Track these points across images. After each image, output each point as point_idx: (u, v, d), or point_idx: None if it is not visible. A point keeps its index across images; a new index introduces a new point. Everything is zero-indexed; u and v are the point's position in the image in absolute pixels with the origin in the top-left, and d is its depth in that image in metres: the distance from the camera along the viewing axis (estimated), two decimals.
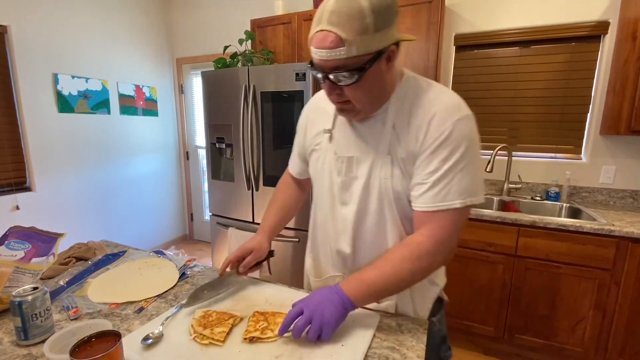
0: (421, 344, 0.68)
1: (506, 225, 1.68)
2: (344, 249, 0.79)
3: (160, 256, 1.06)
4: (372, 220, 0.75)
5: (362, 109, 0.69)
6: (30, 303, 0.64)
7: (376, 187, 0.72)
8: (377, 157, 0.72)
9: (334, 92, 0.66)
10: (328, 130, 0.79)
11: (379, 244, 0.76)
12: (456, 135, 0.64)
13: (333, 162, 0.78)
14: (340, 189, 0.77)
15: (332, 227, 0.81)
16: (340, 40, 0.57)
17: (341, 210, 0.78)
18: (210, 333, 0.66)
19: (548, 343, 1.71)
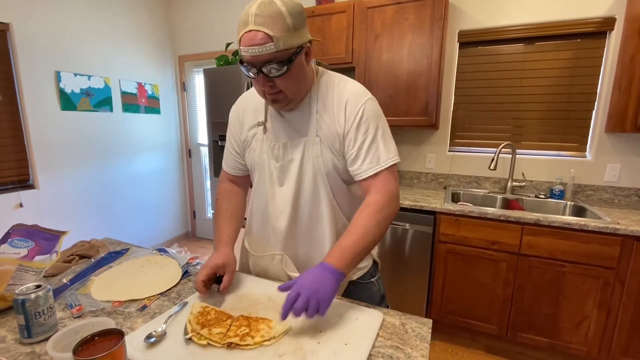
0: (425, 344, 0.67)
1: (510, 224, 1.67)
2: (283, 225, 0.88)
3: (163, 254, 1.05)
4: (308, 195, 0.85)
5: (292, 97, 0.79)
6: (33, 301, 0.64)
7: (310, 165, 0.83)
8: (307, 140, 0.83)
9: (267, 85, 0.74)
10: (262, 122, 0.88)
11: (314, 217, 0.86)
12: (367, 113, 0.80)
13: (270, 150, 0.87)
14: (279, 172, 0.87)
15: (273, 208, 0.89)
16: (268, 37, 0.67)
17: (280, 191, 0.88)
18: (208, 333, 0.66)
19: (551, 342, 1.70)
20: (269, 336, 0.66)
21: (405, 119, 2.06)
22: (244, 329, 0.68)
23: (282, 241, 0.89)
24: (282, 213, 0.88)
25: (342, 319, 0.73)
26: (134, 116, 2.93)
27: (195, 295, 0.83)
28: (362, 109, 0.79)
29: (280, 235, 0.89)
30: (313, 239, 0.89)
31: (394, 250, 1.94)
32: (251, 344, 0.64)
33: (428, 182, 2.37)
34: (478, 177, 2.24)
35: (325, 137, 0.82)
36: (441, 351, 1.86)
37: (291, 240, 0.89)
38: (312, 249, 0.90)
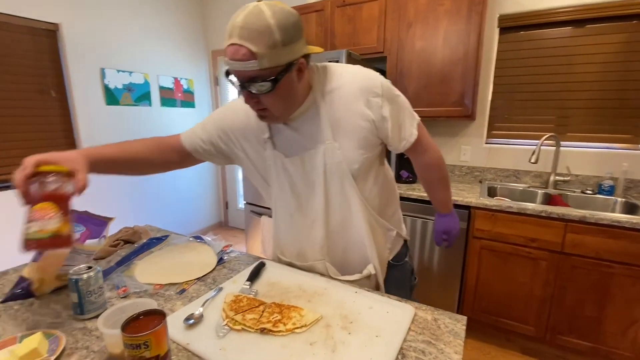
0: (459, 340, 0.65)
1: (552, 220, 1.57)
2: (319, 235, 0.86)
3: (199, 241, 1.10)
4: (338, 201, 0.83)
5: (280, 115, 0.75)
6: (85, 281, 0.69)
7: (334, 173, 0.80)
8: (325, 147, 0.79)
9: (252, 101, 0.71)
10: (267, 138, 0.83)
11: (347, 219, 0.85)
12: (386, 92, 0.78)
13: (287, 165, 0.83)
14: (303, 185, 0.84)
15: (302, 220, 0.88)
16: (251, 53, 0.61)
17: (307, 203, 0.85)
18: (242, 319, 0.68)
19: (594, 346, 1.60)
20: (300, 324, 0.67)
21: (440, 110, 1.98)
22: (276, 315, 0.70)
23: (319, 250, 0.88)
24: (315, 223, 0.86)
25: (372, 311, 0.73)
26: (171, 110, 3.06)
27: (231, 281, 0.86)
28: (381, 88, 0.77)
29: (318, 244, 0.88)
30: (349, 239, 0.88)
31: (425, 245, 1.90)
32: (283, 331, 0.66)
33: (462, 176, 2.28)
34: (517, 171, 2.12)
35: (351, 135, 0.78)
36: (473, 349, 1.81)
37: (328, 246, 0.88)
38: (351, 251, 0.89)
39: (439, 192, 1.03)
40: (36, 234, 0.60)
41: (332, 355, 0.60)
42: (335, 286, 0.83)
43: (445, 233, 1.07)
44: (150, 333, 0.51)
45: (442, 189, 1.01)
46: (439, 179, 0.99)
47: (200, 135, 0.89)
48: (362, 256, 0.88)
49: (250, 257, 1.02)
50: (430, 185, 1.02)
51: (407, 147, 0.86)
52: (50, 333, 0.64)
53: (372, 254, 0.88)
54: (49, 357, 0.58)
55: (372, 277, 0.89)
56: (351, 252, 0.89)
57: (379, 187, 0.89)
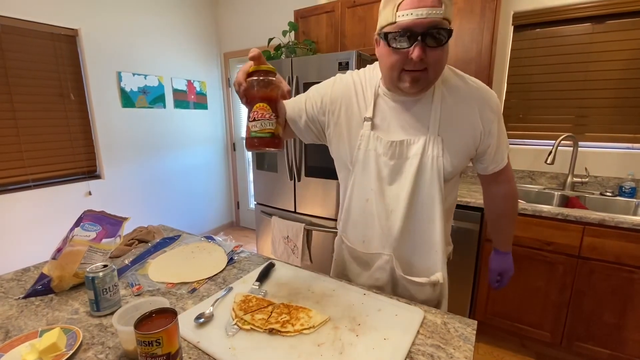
0: (469, 345, 0.64)
1: (569, 223, 1.52)
2: (396, 225, 0.82)
3: (210, 241, 1.12)
4: (425, 196, 0.80)
5: (433, 78, 0.72)
6: (101, 279, 0.72)
7: (429, 165, 0.78)
8: (428, 138, 0.77)
9: (419, 57, 0.65)
10: (369, 118, 0.81)
11: (428, 219, 0.81)
12: (499, 110, 0.80)
13: (381, 148, 0.80)
14: (391, 170, 0.81)
15: (380, 206, 0.83)
16: (438, 0, 0.63)
17: (392, 190, 0.82)
18: (251, 319, 0.69)
19: (613, 354, 1.54)
20: (308, 325, 0.68)
21: None
22: (284, 316, 0.71)
23: (392, 242, 0.83)
24: (393, 212, 0.81)
25: (381, 313, 0.73)
26: (184, 112, 3.12)
27: (240, 280, 0.88)
28: (497, 106, 0.78)
29: (392, 235, 0.83)
30: (424, 241, 0.83)
31: None
32: (291, 331, 0.66)
33: (475, 177, 2.24)
34: (532, 172, 2.07)
35: (455, 136, 0.77)
36: (485, 354, 1.77)
37: (402, 241, 0.83)
38: (421, 252, 0.84)
39: (506, 228, 0.98)
40: (259, 132, 0.63)
41: (339, 357, 0.60)
42: (344, 288, 0.83)
43: (500, 274, 1.03)
44: (162, 331, 0.53)
45: (511, 225, 0.98)
46: (512, 214, 0.96)
47: (301, 102, 0.85)
48: (428, 262, 0.84)
49: (260, 258, 1.03)
50: (500, 219, 0.97)
51: (495, 171, 0.86)
52: (68, 328, 0.66)
53: (442, 263, 0.84)
54: (67, 352, 0.60)
55: (438, 287, 0.86)
56: (419, 254, 0.84)
57: (452, 201, 0.89)
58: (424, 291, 0.85)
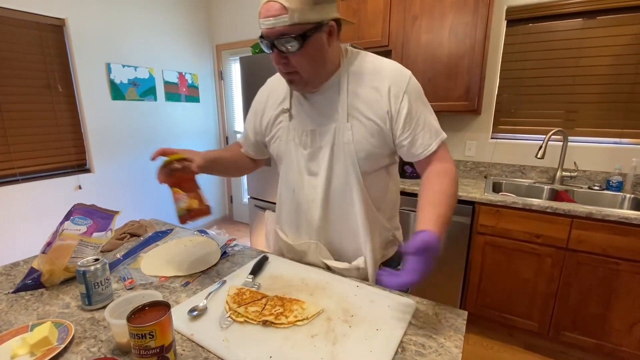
0: (459, 335, 0.66)
1: (558, 216, 1.56)
2: (316, 214, 0.86)
3: (203, 235, 1.12)
4: (340, 183, 0.83)
5: (309, 79, 0.75)
6: (92, 273, 0.71)
7: (341, 152, 0.80)
8: (338, 126, 0.79)
9: (281, 62, 0.72)
10: (286, 109, 0.86)
11: (346, 204, 0.84)
12: (412, 91, 0.77)
13: (297, 138, 0.85)
14: (307, 161, 0.85)
15: (302, 197, 0.88)
16: (283, 8, 0.64)
17: (310, 180, 0.86)
18: (244, 311, 0.69)
19: (599, 343, 1.59)
20: (302, 317, 0.68)
21: (445, 104, 1.96)
22: (278, 308, 0.71)
23: (316, 230, 0.88)
24: (314, 202, 0.86)
25: (374, 305, 0.73)
26: (175, 105, 3.08)
27: (234, 274, 0.88)
28: (405, 89, 0.76)
29: (314, 224, 0.88)
30: (346, 227, 0.87)
31: None
32: (285, 323, 0.67)
33: (467, 171, 2.26)
34: (523, 167, 2.10)
35: (364, 120, 0.78)
36: (475, 344, 1.82)
37: (324, 228, 0.88)
38: (345, 237, 0.89)
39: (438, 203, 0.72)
40: (178, 212, 0.80)
41: (332, 347, 0.61)
42: (337, 280, 0.84)
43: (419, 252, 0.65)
44: (155, 324, 0.53)
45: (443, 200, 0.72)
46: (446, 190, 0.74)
47: (250, 140, 1.00)
48: (354, 247, 0.88)
49: (253, 251, 1.03)
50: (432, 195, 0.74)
51: (423, 158, 0.79)
52: (60, 322, 0.66)
53: (365, 247, 0.87)
54: (59, 346, 0.59)
55: (362, 271, 0.89)
56: (346, 240, 0.89)
57: (383, 188, 0.89)
58: (351, 274, 0.89)
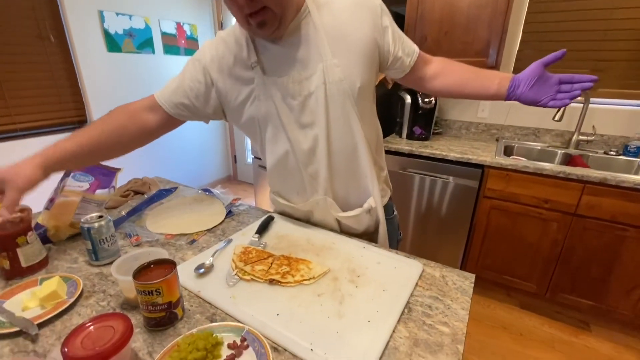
0: (466, 297, 0.66)
1: (569, 182, 1.52)
2: (320, 167, 0.80)
3: (208, 194, 1.10)
4: (340, 128, 0.76)
5: (282, 14, 0.65)
6: (97, 229, 0.70)
7: (335, 93, 0.73)
8: (325, 65, 0.72)
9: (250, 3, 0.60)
10: (255, 63, 0.73)
11: (349, 149, 0.79)
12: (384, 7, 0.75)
13: (280, 90, 0.74)
14: (299, 113, 0.76)
15: (300, 154, 0.79)
16: None
17: (307, 133, 0.77)
18: (251, 270, 0.69)
19: (595, 305, 1.63)
20: (308, 276, 0.68)
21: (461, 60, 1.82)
22: (284, 267, 0.71)
23: (322, 184, 0.82)
24: (315, 154, 0.79)
25: (380, 266, 0.73)
26: (174, 58, 2.93)
27: (240, 233, 0.87)
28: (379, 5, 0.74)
29: (319, 178, 0.81)
30: (351, 174, 0.83)
31: (432, 202, 1.89)
32: (291, 282, 0.67)
33: (479, 134, 2.19)
34: (537, 129, 2.02)
35: (350, 51, 0.72)
36: (473, 303, 1.88)
37: (330, 180, 0.82)
38: (350, 185, 0.84)
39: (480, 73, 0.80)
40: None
41: (339, 307, 0.61)
42: (344, 241, 0.83)
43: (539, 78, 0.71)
44: (162, 281, 0.52)
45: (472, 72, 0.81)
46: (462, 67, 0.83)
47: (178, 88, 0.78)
48: (363, 190, 0.85)
49: (258, 211, 1.02)
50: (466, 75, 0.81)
51: (414, 63, 0.80)
52: (68, 277, 0.66)
53: (374, 185, 0.83)
54: (68, 300, 0.60)
55: (373, 212, 0.86)
56: (353, 185, 0.85)
57: (374, 125, 0.86)
58: (362, 221, 0.87)
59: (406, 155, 1.86)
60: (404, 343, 0.54)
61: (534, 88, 0.72)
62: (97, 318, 0.48)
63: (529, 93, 0.72)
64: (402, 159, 1.88)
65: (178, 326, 0.56)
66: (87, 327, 0.46)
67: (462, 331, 0.57)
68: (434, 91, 0.86)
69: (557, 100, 0.70)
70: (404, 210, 1.97)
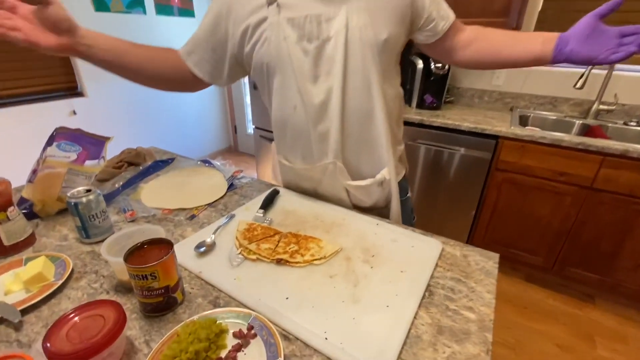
0: (491, 279, 0.60)
1: (588, 154, 1.44)
2: (331, 127, 0.71)
3: (208, 165, 1.03)
4: (358, 82, 0.68)
5: None
6: (85, 205, 0.64)
7: (357, 40, 0.65)
8: (348, 7, 0.64)
9: None
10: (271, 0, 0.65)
11: (365, 112, 0.71)
12: None
13: (296, 31, 0.65)
14: (314, 59, 0.67)
15: (311, 109, 0.70)
16: None
17: (320, 85, 0.69)
18: (256, 248, 0.64)
19: (602, 278, 1.61)
20: (319, 255, 0.63)
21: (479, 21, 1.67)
22: (292, 246, 0.65)
23: (332, 146, 0.73)
24: (326, 110, 0.70)
25: (396, 245, 0.67)
26: (168, 19, 2.74)
27: (243, 207, 0.81)
28: None
29: (330, 140, 0.72)
30: (365, 137, 0.74)
31: (440, 175, 1.82)
32: (301, 262, 0.61)
33: (492, 103, 2.07)
34: (555, 98, 1.90)
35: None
36: None
37: (342, 143, 0.73)
38: (363, 151, 0.76)
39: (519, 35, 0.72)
40: None
41: (354, 289, 0.55)
42: (355, 217, 0.77)
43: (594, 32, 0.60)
44: (158, 264, 0.46)
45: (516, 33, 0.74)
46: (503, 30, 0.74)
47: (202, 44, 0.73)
48: (377, 160, 0.77)
49: (262, 184, 0.95)
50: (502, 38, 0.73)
51: (447, 28, 0.73)
52: (57, 256, 0.61)
53: (389, 156, 0.75)
54: (56, 282, 0.55)
55: (386, 184, 0.78)
56: (366, 152, 0.76)
57: (396, 90, 0.77)
58: (372, 193, 0.79)
59: (416, 125, 1.77)
60: (427, 330, 0.49)
61: (587, 43, 0.60)
62: (84, 307, 0.43)
63: (581, 49, 0.61)
64: (412, 129, 1.79)
65: (178, 311, 0.51)
66: (72, 317, 0.41)
67: (489, 317, 0.52)
68: (464, 61, 0.77)
69: (619, 52, 0.58)
70: (411, 182, 1.91)
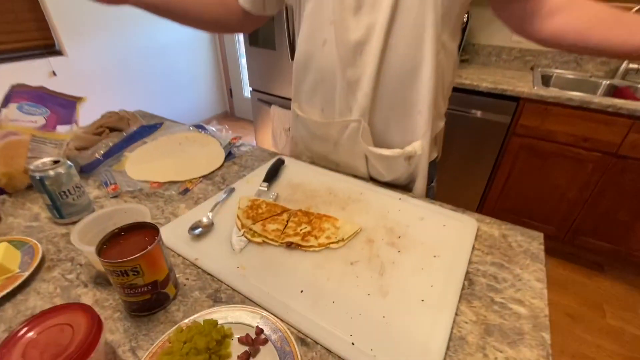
0: (539, 264, 0.52)
1: (618, 117, 1.31)
2: (365, 73, 0.58)
3: (201, 131, 0.91)
4: (407, 25, 0.54)
5: None
6: (53, 179, 0.53)
7: None
8: None
9: None
10: None
11: (411, 63, 0.57)
12: None
13: None
14: None
15: (342, 49, 0.58)
16: None
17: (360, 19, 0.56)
18: (262, 230, 0.54)
19: (615, 248, 1.56)
20: (336, 238, 0.53)
21: None
22: (304, 226, 0.56)
23: (361, 101, 0.61)
24: (362, 55, 0.57)
25: (424, 223, 0.58)
26: None
27: (244, 180, 0.70)
28: None
29: (359, 90, 0.60)
30: (404, 100, 0.61)
31: (453, 140, 1.70)
32: (315, 246, 0.52)
33: (510, 61, 1.89)
34: (580, 57, 1.73)
35: None
36: None
37: (373, 99, 0.61)
38: (398, 114, 0.63)
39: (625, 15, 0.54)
40: None
41: (380, 279, 0.47)
42: (373, 191, 0.67)
43: None
44: (140, 257, 0.36)
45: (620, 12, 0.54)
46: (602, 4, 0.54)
47: None
48: (410, 129, 0.64)
49: (264, 153, 0.84)
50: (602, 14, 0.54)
51: None
52: (24, 241, 0.51)
53: (427, 128, 0.62)
54: (22, 273, 0.45)
55: (414, 161, 0.66)
56: (399, 117, 0.63)
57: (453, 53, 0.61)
58: (396, 166, 0.67)
59: None
60: (472, 330, 0.41)
61: None
62: (44, 315, 0.33)
63: None
64: None
65: (171, 308, 0.43)
66: (26, 333, 0.32)
67: (543, 313, 0.43)
68: (547, 34, 0.57)
69: None
70: None
